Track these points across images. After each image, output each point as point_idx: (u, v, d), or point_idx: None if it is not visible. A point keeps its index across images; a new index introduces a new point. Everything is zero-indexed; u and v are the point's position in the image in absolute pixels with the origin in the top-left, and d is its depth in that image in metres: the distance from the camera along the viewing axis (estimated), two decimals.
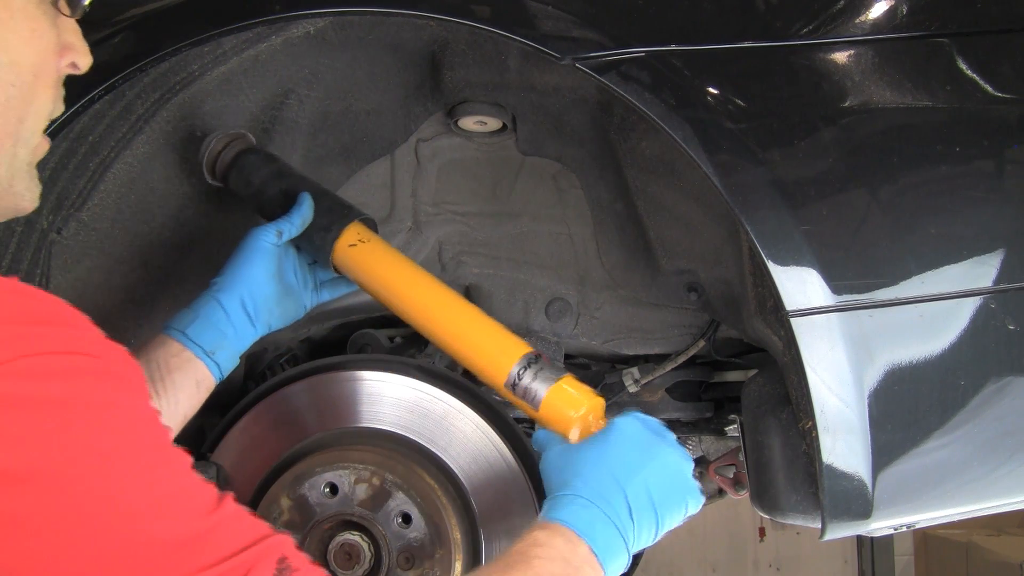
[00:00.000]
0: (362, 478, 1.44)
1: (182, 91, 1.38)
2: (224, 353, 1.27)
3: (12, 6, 0.87)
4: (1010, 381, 1.31)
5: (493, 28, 1.26)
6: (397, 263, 1.37)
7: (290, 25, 1.36)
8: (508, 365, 1.26)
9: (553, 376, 1.26)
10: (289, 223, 1.33)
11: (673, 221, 1.60)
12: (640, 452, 1.10)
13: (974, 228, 1.30)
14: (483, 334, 1.31)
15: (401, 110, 1.60)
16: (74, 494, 0.72)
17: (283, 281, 1.34)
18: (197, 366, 1.25)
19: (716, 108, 1.26)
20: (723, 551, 6.20)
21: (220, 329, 1.27)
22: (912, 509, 1.35)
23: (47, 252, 1.39)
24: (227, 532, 0.79)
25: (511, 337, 1.31)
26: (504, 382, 1.27)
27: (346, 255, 1.37)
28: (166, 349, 1.24)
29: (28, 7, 0.89)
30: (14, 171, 0.91)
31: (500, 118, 1.58)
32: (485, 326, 1.32)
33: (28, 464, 0.71)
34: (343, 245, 1.36)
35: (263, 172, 1.40)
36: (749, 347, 1.80)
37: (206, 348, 1.25)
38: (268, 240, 1.31)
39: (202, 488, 0.81)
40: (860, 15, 1.33)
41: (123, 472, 0.76)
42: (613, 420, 1.16)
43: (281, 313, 1.35)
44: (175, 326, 1.26)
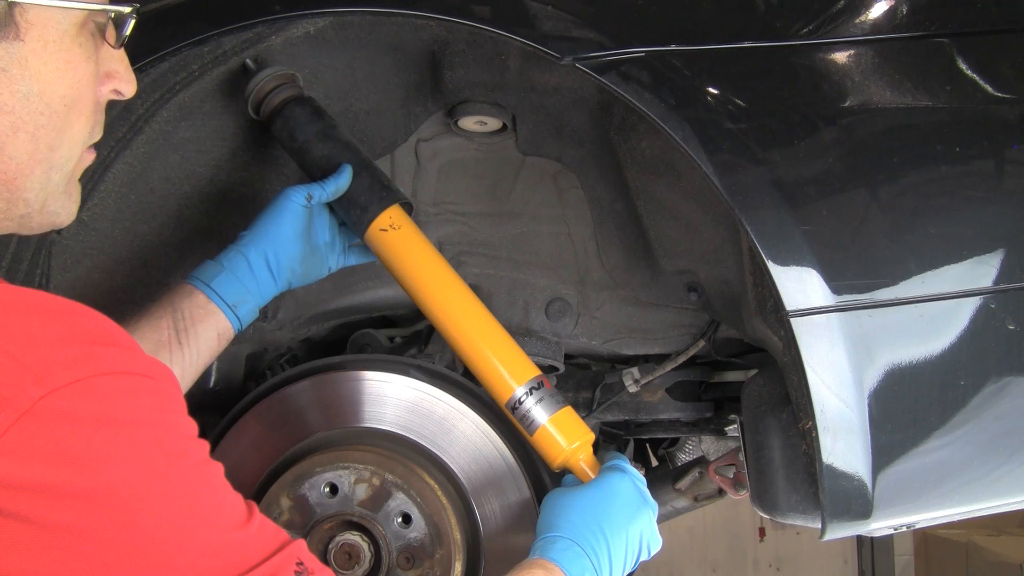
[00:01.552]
0: (362, 478, 1.44)
1: (182, 91, 1.38)
2: (246, 307, 1.31)
3: (46, 37, 0.88)
4: (1010, 381, 1.31)
5: (493, 28, 1.26)
6: (424, 257, 1.39)
7: (290, 25, 1.36)
8: (514, 386, 1.34)
9: (554, 406, 1.34)
10: (322, 189, 1.36)
11: (673, 221, 1.60)
12: (627, 512, 1.27)
13: (974, 228, 1.30)
14: (497, 349, 1.37)
15: (401, 110, 1.60)
16: (133, 510, 0.76)
17: (310, 241, 1.38)
18: (220, 318, 1.29)
19: (716, 108, 1.26)
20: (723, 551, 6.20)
21: (244, 283, 1.30)
22: (912, 509, 1.35)
23: (47, 252, 1.39)
24: (257, 541, 0.85)
25: (522, 358, 1.37)
26: (507, 401, 1.35)
27: (377, 238, 1.39)
28: (192, 300, 1.28)
29: (64, 39, 0.89)
30: (47, 194, 0.93)
31: (500, 118, 1.58)
32: (500, 341, 1.38)
33: (93, 480, 0.74)
34: (375, 228, 1.38)
35: (309, 129, 1.39)
36: (749, 347, 1.80)
37: (230, 302, 1.29)
38: (298, 201, 1.34)
39: (236, 500, 0.86)
40: (860, 15, 1.33)
41: (176, 488, 0.80)
42: (608, 474, 1.31)
43: (304, 273, 1.38)
44: (201, 277, 1.30)
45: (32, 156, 0.89)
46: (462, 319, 1.38)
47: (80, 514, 0.73)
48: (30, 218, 0.93)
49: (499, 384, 1.36)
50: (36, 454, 0.71)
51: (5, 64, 0.85)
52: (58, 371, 0.73)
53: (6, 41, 0.85)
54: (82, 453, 0.73)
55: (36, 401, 0.72)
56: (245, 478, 1.52)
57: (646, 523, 1.29)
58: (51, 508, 0.72)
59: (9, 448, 0.71)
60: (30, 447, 0.71)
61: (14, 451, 0.71)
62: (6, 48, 0.85)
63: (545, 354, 1.77)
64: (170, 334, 1.25)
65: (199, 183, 1.50)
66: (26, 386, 0.72)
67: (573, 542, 1.20)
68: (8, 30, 0.85)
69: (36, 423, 0.72)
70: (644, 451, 2.46)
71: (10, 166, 0.88)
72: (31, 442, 0.71)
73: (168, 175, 1.48)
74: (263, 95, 1.39)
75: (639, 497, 1.31)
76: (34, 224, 0.95)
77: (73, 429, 0.73)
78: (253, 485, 1.52)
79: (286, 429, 1.56)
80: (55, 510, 0.72)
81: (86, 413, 0.74)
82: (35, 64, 0.87)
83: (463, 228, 1.76)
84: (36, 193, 0.92)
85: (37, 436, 0.72)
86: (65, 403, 0.73)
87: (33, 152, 0.89)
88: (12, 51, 0.85)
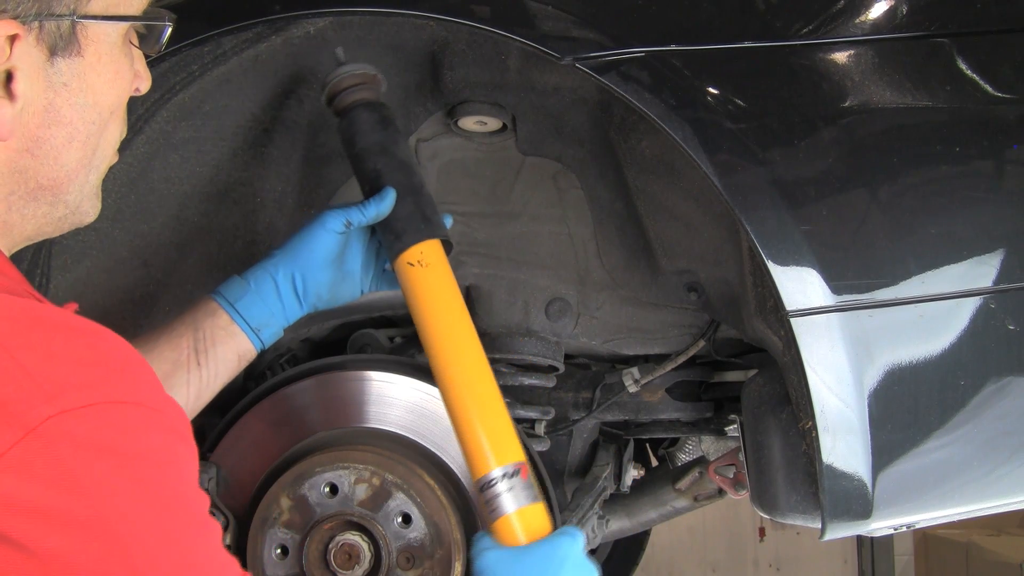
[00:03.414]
0: (362, 478, 1.44)
1: (182, 91, 1.38)
2: (270, 330, 1.28)
3: (100, 51, 0.92)
4: (1010, 381, 1.31)
5: (493, 28, 1.26)
6: (442, 303, 1.30)
7: (290, 25, 1.36)
8: (489, 465, 1.22)
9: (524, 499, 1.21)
10: (361, 215, 1.30)
11: (673, 221, 1.60)
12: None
13: (974, 228, 1.30)
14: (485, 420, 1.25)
15: (401, 110, 1.60)
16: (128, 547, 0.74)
17: (342, 267, 1.34)
18: (242, 340, 1.26)
19: (716, 108, 1.26)
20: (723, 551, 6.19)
21: (269, 306, 1.27)
22: (912, 509, 1.35)
23: (47, 252, 1.39)
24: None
25: (511, 438, 1.25)
26: (477, 479, 1.23)
27: (403, 270, 1.32)
28: (214, 320, 1.25)
29: (113, 51, 0.94)
30: (83, 195, 0.96)
31: (500, 118, 1.58)
32: (491, 413, 1.26)
33: (90, 510, 0.72)
34: (403, 260, 1.31)
35: (369, 138, 1.34)
36: (749, 347, 1.80)
37: (253, 324, 1.26)
38: (335, 228, 1.30)
39: (232, 563, 0.84)
40: (860, 15, 1.33)
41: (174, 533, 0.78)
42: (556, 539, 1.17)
43: (331, 298, 1.34)
44: (227, 295, 1.26)
45: (80, 163, 0.93)
46: (461, 380, 1.27)
47: (73, 542, 0.71)
48: (65, 219, 0.97)
49: (476, 457, 1.23)
50: (37, 475, 0.70)
51: (67, 79, 0.89)
52: (72, 392, 0.72)
53: (69, 58, 0.89)
54: (83, 480, 0.72)
55: (44, 420, 0.71)
56: (245, 478, 1.52)
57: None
58: (45, 533, 0.70)
59: (11, 465, 0.70)
60: (33, 467, 0.70)
61: (16, 469, 0.70)
62: (69, 64, 0.89)
63: (545, 354, 1.77)
64: (189, 354, 1.23)
65: (199, 183, 1.50)
66: (37, 403, 0.71)
67: None
68: (72, 47, 0.89)
69: (41, 443, 0.70)
70: (644, 451, 2.46)
71: (60, 173, 0.92)
72: (34, 462, 0.70)
73: (168, 175, 1.48)
74: (338, 90, 1.36)
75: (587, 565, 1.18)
76: (66, 224, 0.98)
77: (77, 454, 0.71)
78: (253, 485, 1.52)
79: (286, 429, 1.56)
80: (49, 536, 0.70)
81: (93, 440, 0.72)
82: (91, 77, 0.91)
83: (463, 228, 1.76)
84: (75, 195, 0.95)
85: (41, 456, 0.70)
86: (73, 426, 0.71)
87: (82, 159, 0.93)
88: (74, 67, 0.90)
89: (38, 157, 0.90)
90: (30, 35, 0.86)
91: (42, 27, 0.86)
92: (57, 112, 0.90)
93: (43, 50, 0.87)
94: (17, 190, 0.91)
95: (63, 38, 0.88)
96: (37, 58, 0.87)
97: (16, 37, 0.84)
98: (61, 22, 0.87)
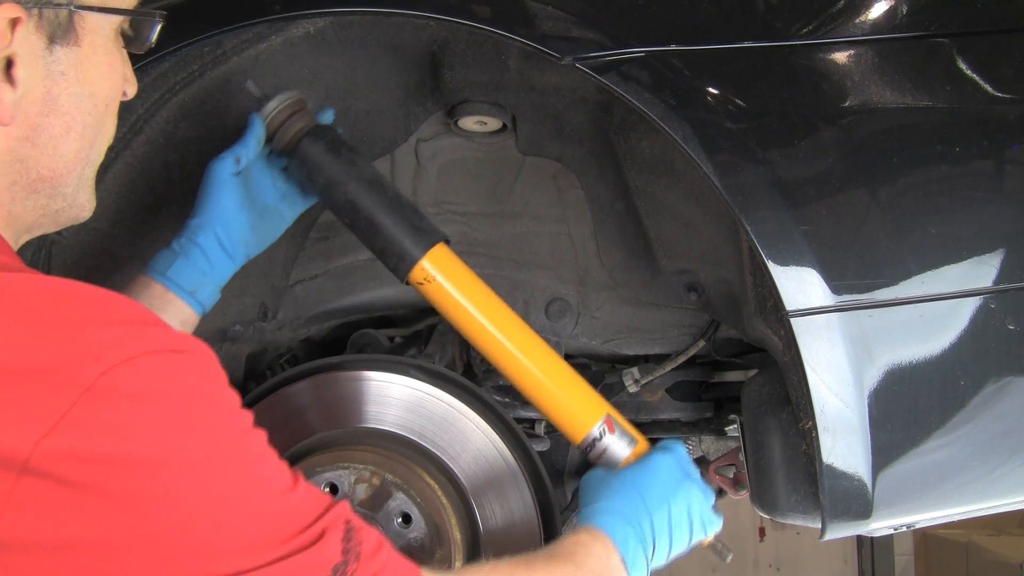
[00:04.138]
0: (362, 478, 1.44)
1: (182, 91, 1.38)
2: (205, 291, 1.32)
3: (96, 42, 0.95)
4: (1010, 381, 1.31)
5: (493, 28, 1.26)
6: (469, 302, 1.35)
7: (290, 25, 1.36)
8: (587, 426, 1.36)
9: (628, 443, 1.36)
10: (245, 147, 1.33)
11: (673, 221, 1.60)
12: (669, 486, 1.28)
13: (974, 228, 1.30)
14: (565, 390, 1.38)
15: (401, 110, 1.60)
16: (188, 477, 0.80)
17: (256, 207, 1.37)
18: (180, 306, 1.30)
19: (716, 108, 1.26)
20: None
21: (199, 268, 1.32)
22: (912, 509, 1.35)
23: (47, 252, 1.39)
24: (304, 504, 0.88)
25: (591, 396, 1.39)
26: (579, 442, 1.37)
27: (419, 289, 1.36)
28: (150, 292, 1.30)
29: (107, 43, 0.97)
30: (79, 187, 1.00)
31: (500, 118, 1.58)
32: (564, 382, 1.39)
33: (150, 451, 0.78)
34: (413, 280, 1.35)
35: (327, 171, 1.32)
36: (749, 347, 1.80)
37: (187, 288, 1.30)
38: (228, 170, 1.33)
39: (282, 466, 0.90)
40: (860, 15, 1.33)
41: (230, 456, 0.84)
42: (653, 452, 1.33)
43: (258, 240, 1.38)
44: (156, 268, 1.31)
45: (77, 154, 0.97)
46: (524, 366, 1.38)
47: (140, 482, 0.77)
48: (62, 212, 1.00)
49: (570, 425, 1.38)
50: (99, 428, 0.76)
51: (65, 68, 0.92)
52: (111, 350, 0.78)
53: (67, 47, 0.92)
54: (138, 426, 0.78)
55: (96, 378, 0.76)
56: None
57: (693, 499, 1.28)
58: (115, 477, 0.76)
59: (75, 422, 0.75)
60: (93, 421, 0.76)
61: (78, 425, 0.75)
62: (67, 53, 0.92)
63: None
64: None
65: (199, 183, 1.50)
66: (86, 364, 0.77)
67: (615, 512, 1.23)
68: (70, 36, 0.92)
69: (97, 399, 0.76)
70: None
71: (59, 164, 0.95)
72: (94, 416, 0.76)
73: (168, 175, 1.48)
74: (273, 131, 1.35)
75: (682, 474, 1.30)
76: (63, 219, 1.01)
77: (129, 404, 0.77)
78: None
79: (286, 429, 1.56)
80: (117, 479, 0.76)
81: (139, 389, 0.78)
82: (87, 67, 0.95)
83: (463, 228, 1.76)
84: (72, 188, 0.99)
85: (98, 411, 0.76)
86: (120, 380, 0.77)
87: (78, 151, 0.97)
88: (71, 56, 0.93)
89: (38, 146, 0.93)
90: (30, 21, 0.88)
91: (41, 14, 0.89)
92: (55, 101, 0.92)
93: (42, 37, 0.90)
94: (19, 180, 0.94)
95: (61, 26, 0.91)
96: (36, 45, 0.89)
97: (18, 21, 0.87)
98: (59, 10, 0.90)
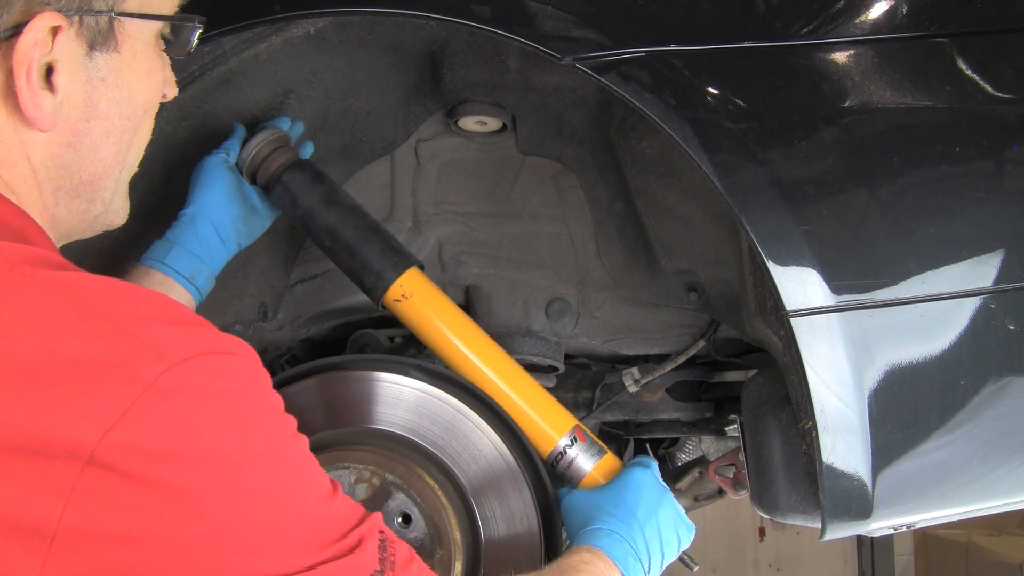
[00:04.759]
0: (362, 478, 1.44)
1: (182, 91, 1.37)
2: (202, 277, 1.37)
3: (135, 48, 0.96)
4: (1010, 381, 1.31)
5: (493, 28, 1.25)
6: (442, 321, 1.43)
7: (290, 25, 1.36)
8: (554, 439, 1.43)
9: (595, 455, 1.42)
10: (232, 143, 1.43)
11: (673, 221, 1.60)
12: (654, 502, 1.34)
13: (974, 228, 1.30)
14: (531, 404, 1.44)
15: (401, 110, 1.60)
16: (246, 475, 0.82)
17: (247, 200, 1.44)
18: (180, 292, 1.34)
19: (716, 108, 1.26)
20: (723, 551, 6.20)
21: (196, 255, 1.36)
22: (912, 509, 1.35)
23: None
24: (344, 511, 0.92)
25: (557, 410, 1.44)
26: (547, 455, 1.43)
27: (393, 308, 1.43)
28: (150, 279, 1.33)
29: (147, 49, 0.98)
30: (115, 193, 1.02)
31: (500, 118, 1.58)
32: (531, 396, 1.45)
33: (210, 448, 0.80)
34: (390, 297, 1.41)
35: (308, 199, 1.41)
36: (749, 347, 1.80)
37: (186, 274, 1.35)
38: (221, 162, 1.40)
39: (323, 473, 0.93)
40: (860, 15, 1.33)
41: (278, 456, 0.87)
42: (632, 469, 1.39)
43: (249, 230, 1.45)
44: (154, 257, 1.35)
45: (115, 158, 0.98)
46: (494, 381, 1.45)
47: (200, 478, 0.79)
48: (99, 218, 1.02)
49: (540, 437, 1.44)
50: (161, 423, 0.77)
51: (104, 74, 0.94)
52: (172, 349, 0.79)
53: (107, 53, 0.93)
54: (198, 423, 0.79)
55: (159, 375, 0.78)
56: None
57: (673, 512, 1.36)
58: (176, 473, 0.77)
59: (138, 418, 0.76)
60: (156, 417, 0.77)
61: (142, 420, 0.76)
62: (107, 60, 0.93)
63: (545, 354, 1.77)
64: None
65: None
66: (148, 361, 0.78)
67: (612, 531, 1.29)
68: (110, 42, 0.93)
69: (158, 395, 0.77)
70: (644, 451, 2.46)
71: (98, 168, 0.97)
72: (156, 412, 0.77)
73: (168, 175, 1.48)
74: (258, 163, 1.42)
75: (660, 487, 1.37)
76: (99, 224, 1.03)
77: (190, 402, 0.79)
78: None
79: None
80: (178, 475, 0.77)
81: (199, 387, 0.80)
82: (126, 73, 0.96)
83: (463, 228, 1.76)
84: (110, 192, 1.01)
85: (161, 407, 0.77)
86: (182, 378, 0.79)
87: (116, 155, 0.98)
88: (111, 62, 0.94)
89: (80, 151, 0.94)
90: (71, 28, 0.89)
91: (82, 21, 0.90)
92: (95, 107, 0.94)
93: (82, 44, 0.91)
94: (63, 185, 0.95)
95: (101, 33, 0.92)
96: (77, 52, 0.91)
97: (59, 29, 0.88)
98: (100, 17, 0.91)
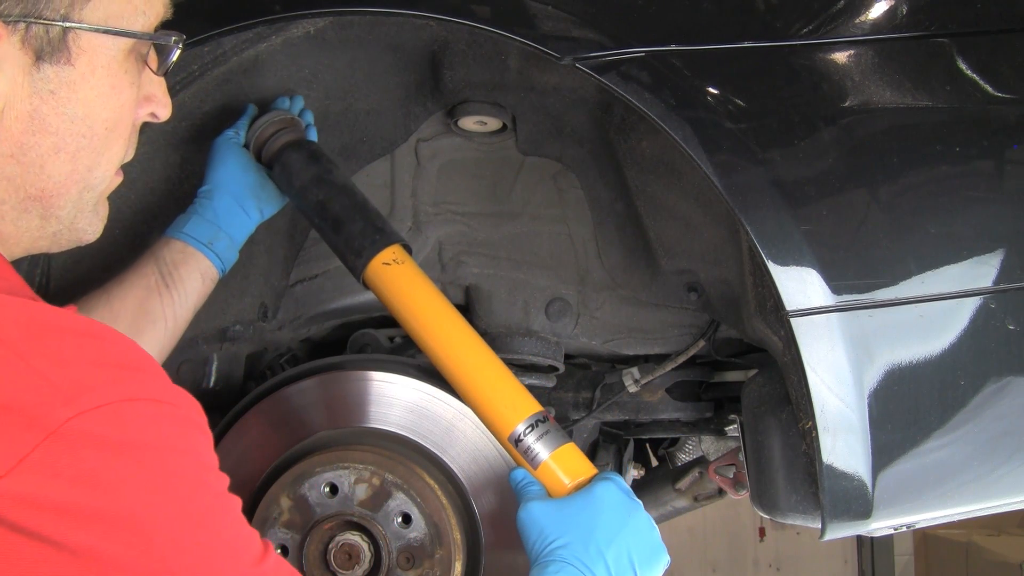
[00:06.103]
0: (362, 478, 1.44)
1: (182, 91, 1.38)
2: (222, 243, 1.39)
3: (95, 63, 0.90)
4: (1010, 381, 1.31)
5: (493, 28, 1.26)
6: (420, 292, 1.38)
7: (290, 25, 1.37)
8: (515, 421, 1.31)
9: (556, 442, 1.30)
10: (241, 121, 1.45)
11: (673, 221, 1.60)
12: (619, 519, 1.20)
13: (974, 228, 1.30)
14: (497, 384, 1.34)
15: (401, 110, 1.60)
16: (153, 536, 0.76)
17: (260, 172, 1.45)
18: (199, 258, 1.36)
19: (716, 108, 1.26)
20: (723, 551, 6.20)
21: (214, 223, 1.39)
22: (912, 509, 1.34)
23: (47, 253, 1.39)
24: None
25: (523, 393, 1.35)
26: (508, 436, 1.32)
27: (376, 275, 1.38)
28: (171, 247, 1.36)
29: (111, 65, 0.92)
30: (78, 211, 0.96)
31: (500, 118, 1.58)
32: (500, 377, 1.35)
33: (115, 505, 0.74)
34: (375, 264, 1.38)
35: (304, 175, 1.41)
36: (749, 347, 1.80)
37: (204, 240, 1.37)
38: (230, 138, 1.43)
39: (253, 536, 0.86)
40: (860, 15, 1.33)
41: (196, 518, 0.80)
42: (593, 484, 1.24)
43: (267, 198, 1.46)
44: (175, 228, 1.38)
45: (69, 176, 0.92)
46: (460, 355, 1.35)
47: (101, 538, 0.73)
48: (60, 235, 0.97)
49: (500, 420, 1.32)
50: (61, 474, 0.72)
51: (54, 87, 0.88)
52: (87, 394, 0.74)
53: (57, 65, 0.88)
54: (105, 477, 0.74)
55: (64, 422, 0.72)
56: (245, 478, 1.52)
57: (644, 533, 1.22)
58: (73, 530, 0.72)
59: (35, 467, 0.71)
60: (56, 467, 0.72)
61: (40, 469, 0.71)
62: (57, 72, 0.88)
63: (545, 354, 1.77)
64: (156, 279, 1.33)
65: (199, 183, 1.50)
66: (56, 406, 0.73)
67: (566, 563, 1.15)
68: (61, 54, 0.87)
69: (62, 444, 0.72)
70: (644, 451, 2.46)
71: (48, 184, 0.91)
72: (57, 462, 0.72)
73: (168, 175, 1.48)
74: (262, 142, 1.43)
75: (629, 502, 1.23)
76: (63, 241, 0.98)
77: (98, 452, 0.73)
78: (253, 485, 1.52)
79: (286, 429, 1.56)
80: (77, 532, 0.72)
81: (111, 437, 0.74)
82: (82, 88, 0.90)
83: (463, 228, 1.76)
84: (68, 211, 0.95)
85: (63, 457, 0.72)
86: (91, 426, 0.73)
87: (71, 172, 0.92)
88: (63, 75, 0.88)
89: (23, 164, 0.89)
90: (14, 36, 0.84)
91: (28, 29, 0.85)
92: (43, 120, 0.88)
93: (28, 53, 0.86)
94: (8, 199, 0.90)
95: (51, 44, 0.87)
96: (21, 60, 0.86)
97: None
98: (51, 27, 0.86)
